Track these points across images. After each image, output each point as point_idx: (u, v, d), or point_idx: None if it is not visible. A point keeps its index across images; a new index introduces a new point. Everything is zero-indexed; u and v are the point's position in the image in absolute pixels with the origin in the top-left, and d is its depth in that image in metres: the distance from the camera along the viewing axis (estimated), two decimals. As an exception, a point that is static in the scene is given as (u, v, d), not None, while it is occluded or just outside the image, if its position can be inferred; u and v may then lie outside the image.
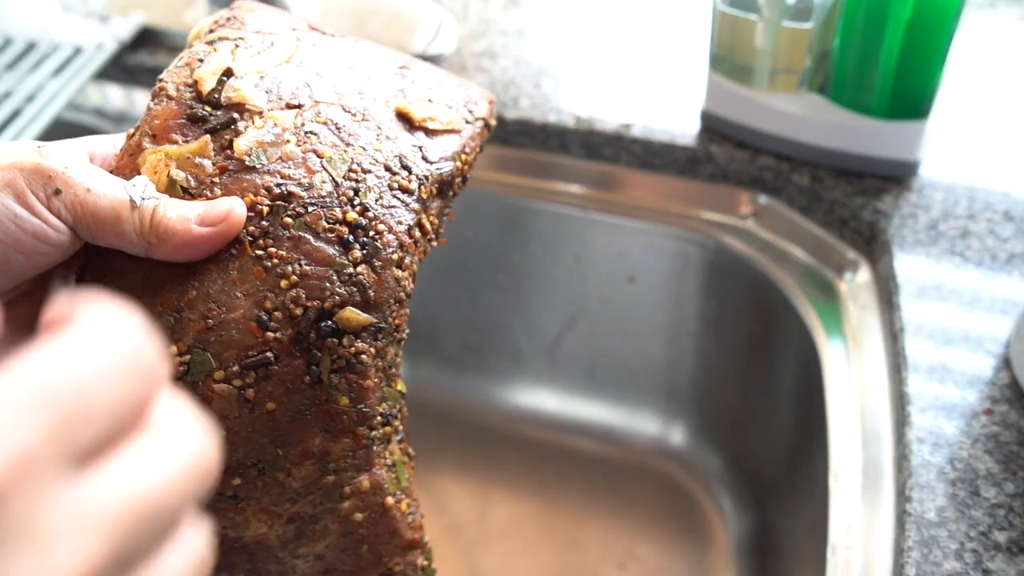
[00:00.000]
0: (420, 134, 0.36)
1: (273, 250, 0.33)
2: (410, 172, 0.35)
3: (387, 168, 0.35)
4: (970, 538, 0.40)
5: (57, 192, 0.31)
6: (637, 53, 0.68)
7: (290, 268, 0.32)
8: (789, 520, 0.61)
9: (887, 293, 0.53)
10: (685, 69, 0.66)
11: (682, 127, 0.62)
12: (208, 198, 0.33)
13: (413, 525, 0.35)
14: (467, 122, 0.38)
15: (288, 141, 0.34)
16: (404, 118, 0.36)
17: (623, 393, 0.77)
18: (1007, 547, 0.40)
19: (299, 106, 0.35)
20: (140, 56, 0.71)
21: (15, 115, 0.64)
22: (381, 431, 0.34)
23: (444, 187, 0.36)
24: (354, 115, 0.36)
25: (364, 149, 0.35)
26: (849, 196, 0.56)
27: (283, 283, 0.32)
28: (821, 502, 0.50)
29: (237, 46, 0.37)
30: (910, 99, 0.53)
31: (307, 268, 0.32)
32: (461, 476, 0.76)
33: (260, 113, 0.35)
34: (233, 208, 0.33)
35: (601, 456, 0.77)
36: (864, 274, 0.56)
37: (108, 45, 0.69)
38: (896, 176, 0.57)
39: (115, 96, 0.74)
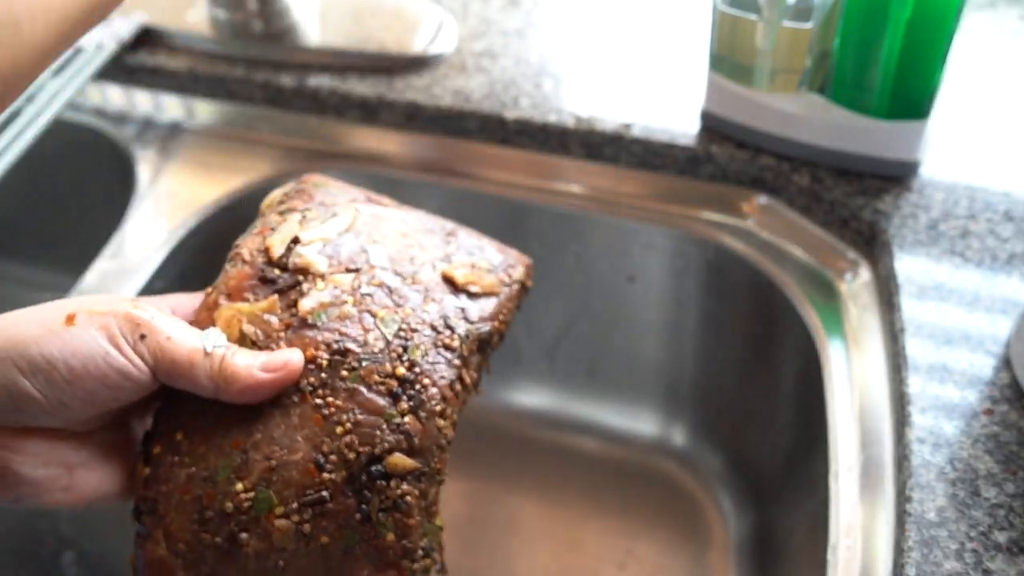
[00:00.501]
0: (463, 296, 0.41)
1: (331, 400, 0.37)
2: (453, 331, 0.39)
3: (433, 327, 0.39)
4: (970, 538, 0.40)
5: (143, 337, 0.36)
6: (637, 53, 0.68)
7: (345, 416, 0.36)
8: (789, 520, 0.61)
9: (887, 293, 0.53)
10: (685, 69, 0.66)
11: (682, 127, 0.62)
12: (273, 351, 0.38)
13: None
14: (505, 285, 0.43)
15: (346, 302, 0.39)
16: (449, 281, 0.41)
17: (623, 393, 0.77)
18: (1007, 547, 0.40)
19: (357, 270, 0.40)
20: (140, 56, 0.71)
21: (15, 115, 0.64)
22: (422, 563, 0.37)
23: (483, 344, 0.41)
24: (404, 278, 0.40)
25: (413, 310, 0.39)
26: (849, 196, 0.56)
27: (339, 430, 0.36)
28: (821, 502, 0.50)
29: (304, 216, 0.42)
30: (910, 99, 0.53)
31: (360, 417, 0.36)
32: (461, 476, 0.76)
33: (322, 276, 0.40)
34: (291, 358, 0.38)
35: (601, 456, 0.77)
36: (864, 274, 0.56)
37: (108, 45, 0.69)
38: (896, 176, 0.57)
39: (115, 96, 0.74)
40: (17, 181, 0.61)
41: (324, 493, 0.36)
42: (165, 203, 0.66)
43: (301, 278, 0.40)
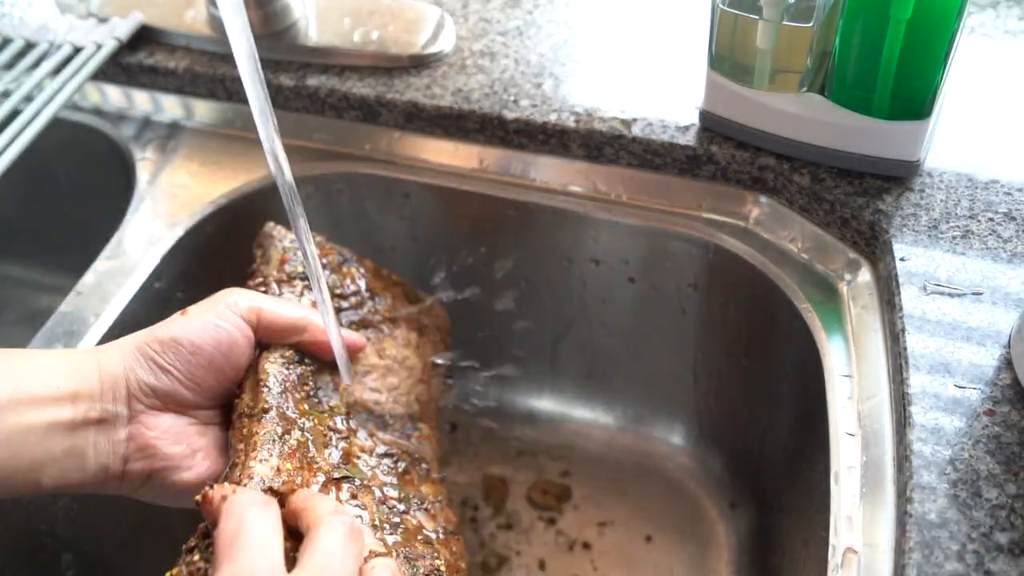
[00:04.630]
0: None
1: None
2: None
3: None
4: (971, 539, 0.40)
5: (244, 303, 0.47)
6: (637, 52, 0.68)
7: None
8: (789, 520, 0.61)
9: (888, 293, 0.53)
10: (685, 69, 0.65)
11: (682, 127, 0.61)
12: None
13: None
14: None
15: None
16: None
17: (623, 394, 0.77)
18: (1008, 548, 0.40)
19: None
20: (139, 56, 0.71)
21: (13, 115, 0.64)
22: None
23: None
24: None
25: None
26: (850, 196, 0.56)
27: None
28: (821, 502, 0.50)
29: None
30: (911, 99, 0.53)
31: None
32: (461, 475, 0.76)
33: None
34: (357, 340, 0.52)
35: (601, 457, 0.77)
36: (865, 274, 0.56)
37: (107, 44, 0.69)
38: (897, 176, 0.57)
39: (114, 96, 0.73)
40: (16, 180, 0.61)
41: None
42: (164, 203, 0.65)
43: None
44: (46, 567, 0.57)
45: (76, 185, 0.80)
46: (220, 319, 0.46)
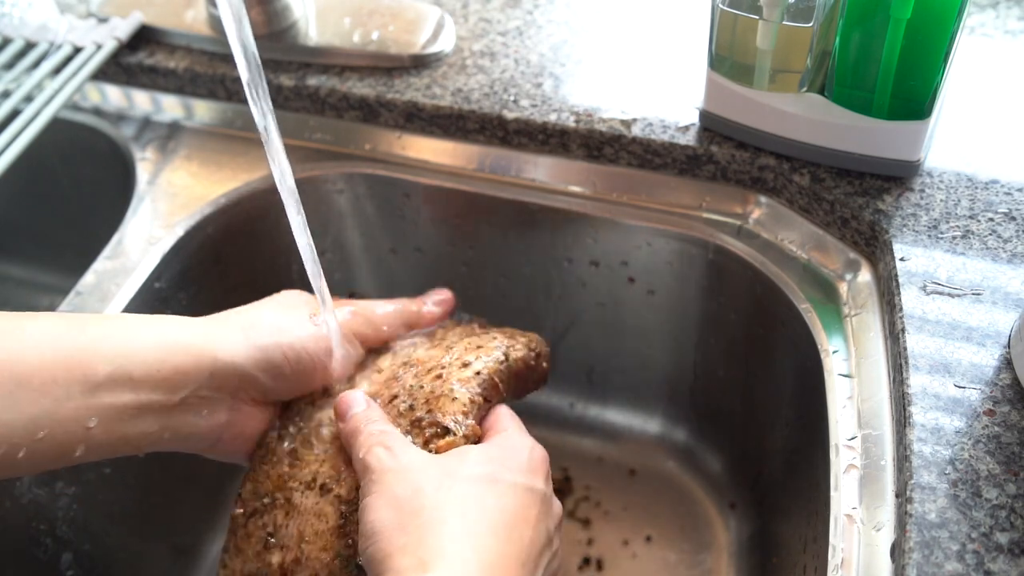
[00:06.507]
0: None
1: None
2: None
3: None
4: (971, 539, 0.40)
5: (360, 322, 0.52)
6: (637, 52, 0.68)
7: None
8: (789, 521, 0.61)
9: (888, 293, 0.53)
10: (685, 69, 0.65)
11: (682, 127, 0.61)
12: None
13: None
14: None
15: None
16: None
17: (623, 393, 0.76)
18: (1008, 548, 0.40)
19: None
20: (139, 56, 0.71)
21: (13, 115, 0.64)
22: None
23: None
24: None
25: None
26: (850, 196, 0.56)
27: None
28: (821, 502, 0.50)
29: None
30: (911, 99, 0.53)
31: None
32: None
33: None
34: (447, 294, 0.57)
35: (601, 456, 0.77)
36: (864, 274, 0.56)
37: (107, 44, 0.69)
38: (897, 176, 0.57)
39: (114, 96, 0.73)
40: (16, 181, 0.61)
41: None
42: (164, 202, 0.65)
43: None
44: (46, 567, 0.57)
45: (76, 185, 0.80)
46: (348, 343, 0.50)
